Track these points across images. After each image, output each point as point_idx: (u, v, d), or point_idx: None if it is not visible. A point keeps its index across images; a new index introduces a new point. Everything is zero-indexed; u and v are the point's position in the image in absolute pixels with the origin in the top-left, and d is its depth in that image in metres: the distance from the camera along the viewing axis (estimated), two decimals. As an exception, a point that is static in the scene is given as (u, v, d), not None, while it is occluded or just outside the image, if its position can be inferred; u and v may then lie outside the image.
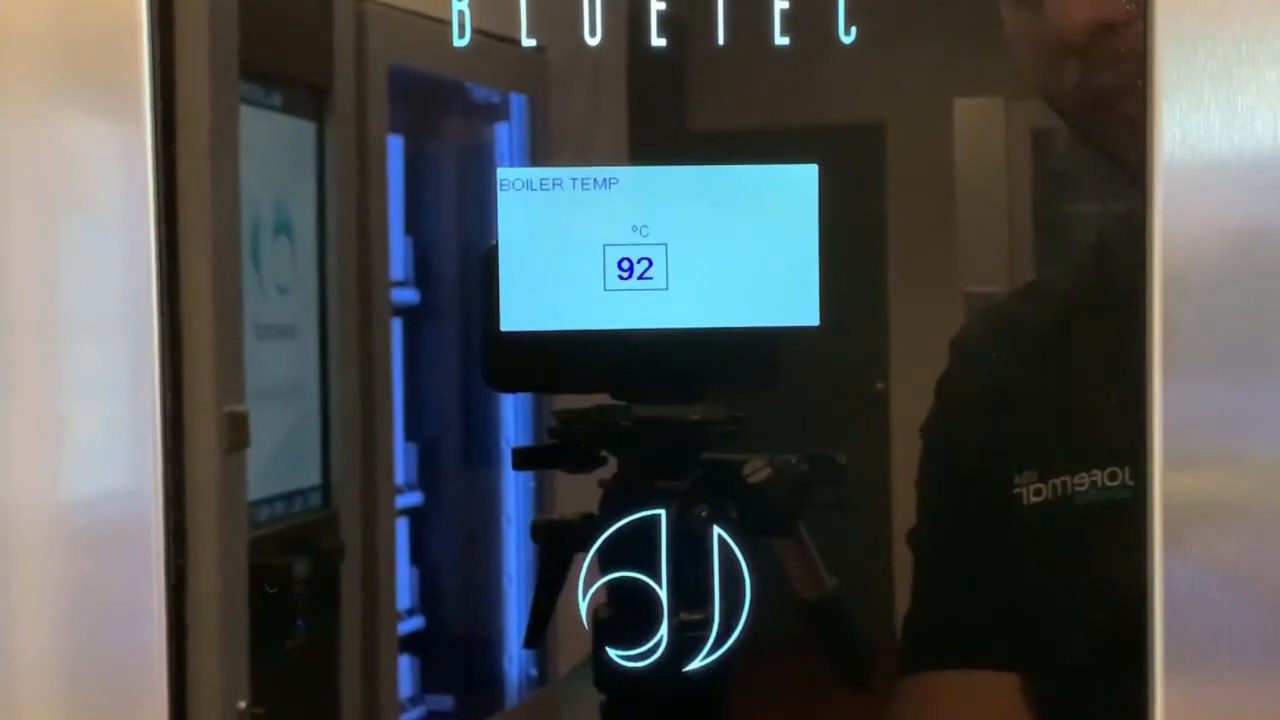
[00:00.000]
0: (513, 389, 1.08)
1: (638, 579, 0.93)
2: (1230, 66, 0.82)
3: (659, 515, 0.93)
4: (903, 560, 1.07)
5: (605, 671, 0.94)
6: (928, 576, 1.01)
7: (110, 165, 0.89)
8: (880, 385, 1.10)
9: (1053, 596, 0.97)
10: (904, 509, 1.07)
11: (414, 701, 1.16)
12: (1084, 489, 0.96)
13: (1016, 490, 0.98)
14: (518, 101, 1.15)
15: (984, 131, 1.08)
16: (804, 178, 0.91)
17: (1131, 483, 0.88)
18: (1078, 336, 0.95)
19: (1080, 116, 0.98)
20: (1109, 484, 0.93)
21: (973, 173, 1.07)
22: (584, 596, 0.94)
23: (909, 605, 1.00)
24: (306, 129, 1.11)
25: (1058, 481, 0.96)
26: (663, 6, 0.90)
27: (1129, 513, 0.86)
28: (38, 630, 0.91)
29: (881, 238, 1.08)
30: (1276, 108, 0.81)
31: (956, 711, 1.03)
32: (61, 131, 0.89)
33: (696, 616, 0.93)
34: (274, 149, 1.10)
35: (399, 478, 1.16)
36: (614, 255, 0.90)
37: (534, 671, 1.16)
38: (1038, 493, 0.97)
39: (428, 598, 1.18)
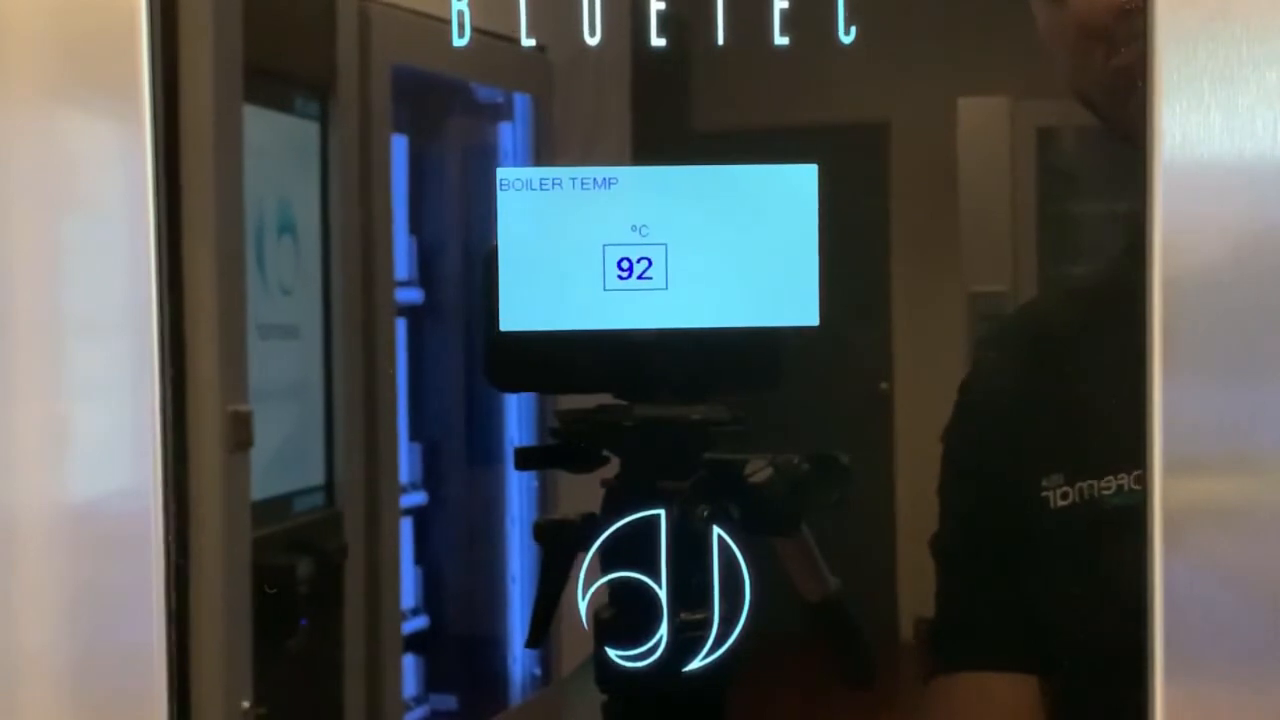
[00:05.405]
0: (515, 388, 1.08)
1: (638, 579, 0.93)
2: (1230, 66, 0.82)
3: (660, 515, 0.93)
4: (906, 561, 1.06)
5: (606, 671, 0.94)
6: (953, 583, 1.00)
7: (111, 165, 0.89)
8: (884, 385, 1.10)
9: (1080, 600, 0.97)
10: (908, 509, 1.07)
11: (418, 701, 1.16)
12: (1110, 492, 0.96)
13: (1044, 494, 0.97)
14: (521, 101, 1.15)
15: (988, 130, 1.08)
16: (804, 178, 0.90)
17: None
18: (1104, 338, 0.94)
19: (1108, 105, 0.98)
20: (1135, 488, 0.92)
21: (977, 172, 1.07)
22: (584, 597, 0.94)
23: (935, 612, 1.00)
24: (310, 128, 1.11)
25: (1084, 485, 0.96)
26: (662, 6, 0.90)
27: None
28: (40, 630, 0.91)
29: (885, 238, 1.08)
30: (1276, 108, 0.81)
31: (982, 714, 1.02)
32: (62, 131, 0.89)
33: (697, 616, 0.93)
34: (278, 149, 1.10)
35: (403, 477, 1.15)
36: (613, 255, 0.90)
37: (538, 671, 1.16)
38: (1064, 496, 0.97)
39: (431, 597, 1.18)
